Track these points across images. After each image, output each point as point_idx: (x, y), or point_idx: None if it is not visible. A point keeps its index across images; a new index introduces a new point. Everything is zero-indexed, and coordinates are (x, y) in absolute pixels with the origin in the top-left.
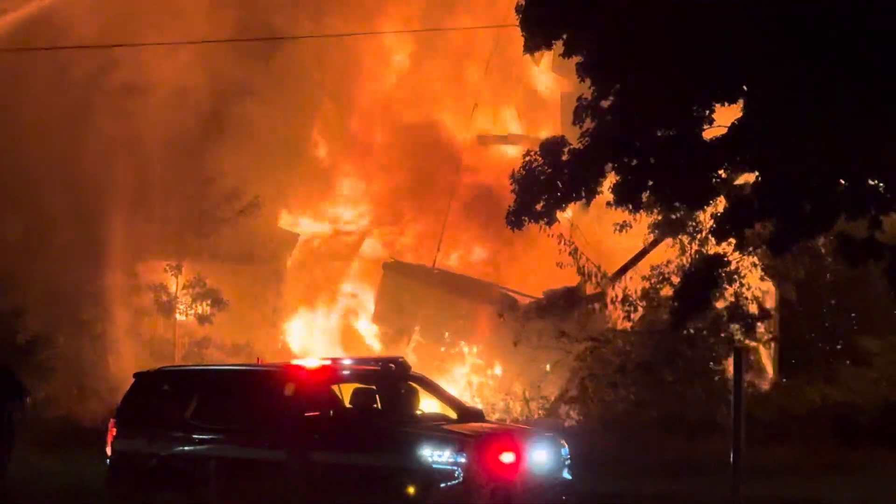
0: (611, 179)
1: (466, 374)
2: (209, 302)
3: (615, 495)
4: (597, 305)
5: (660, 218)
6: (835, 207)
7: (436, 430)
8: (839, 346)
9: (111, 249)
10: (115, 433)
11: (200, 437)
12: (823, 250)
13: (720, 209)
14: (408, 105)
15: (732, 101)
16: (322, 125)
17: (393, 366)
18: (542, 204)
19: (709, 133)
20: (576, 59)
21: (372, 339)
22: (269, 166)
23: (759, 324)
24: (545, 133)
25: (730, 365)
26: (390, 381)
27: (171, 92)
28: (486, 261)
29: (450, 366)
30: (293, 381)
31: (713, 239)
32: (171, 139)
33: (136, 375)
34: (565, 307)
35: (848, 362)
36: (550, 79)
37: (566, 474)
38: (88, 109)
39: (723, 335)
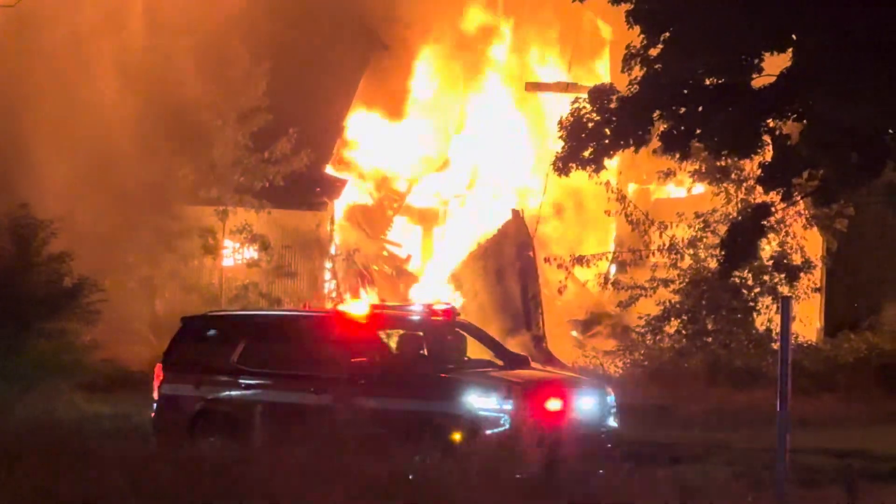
0: (658, 127)
1: None
2: (257, 246)
3: (661, 444)
4: (642, 253)
5: (703, 167)
6: (883, 157)
7: (482, 376)
8: (886, 295)
9: (157, 193)
10: (161, 377)
11: (247, 381)
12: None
13: (767, 158)
14: None
15: (782, 49)
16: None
17: (440, 312)
18: (589, 151)
19: (758, 82)
20: (625, 6)
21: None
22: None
23: (803, 274)
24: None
25: (774, 314)
26: (437, 327)
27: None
28: None
29: None
30: (340, 326)
31: (758, 188)
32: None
33: (183, 320)
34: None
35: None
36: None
37: (612, 422)
38: (128, 51)
39: (767, 285)
